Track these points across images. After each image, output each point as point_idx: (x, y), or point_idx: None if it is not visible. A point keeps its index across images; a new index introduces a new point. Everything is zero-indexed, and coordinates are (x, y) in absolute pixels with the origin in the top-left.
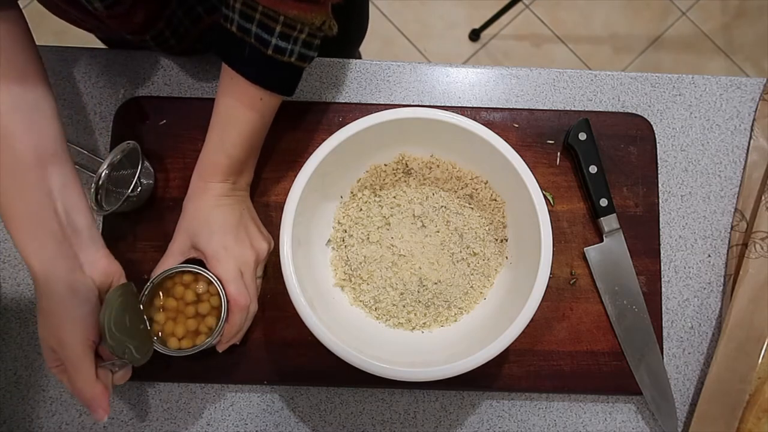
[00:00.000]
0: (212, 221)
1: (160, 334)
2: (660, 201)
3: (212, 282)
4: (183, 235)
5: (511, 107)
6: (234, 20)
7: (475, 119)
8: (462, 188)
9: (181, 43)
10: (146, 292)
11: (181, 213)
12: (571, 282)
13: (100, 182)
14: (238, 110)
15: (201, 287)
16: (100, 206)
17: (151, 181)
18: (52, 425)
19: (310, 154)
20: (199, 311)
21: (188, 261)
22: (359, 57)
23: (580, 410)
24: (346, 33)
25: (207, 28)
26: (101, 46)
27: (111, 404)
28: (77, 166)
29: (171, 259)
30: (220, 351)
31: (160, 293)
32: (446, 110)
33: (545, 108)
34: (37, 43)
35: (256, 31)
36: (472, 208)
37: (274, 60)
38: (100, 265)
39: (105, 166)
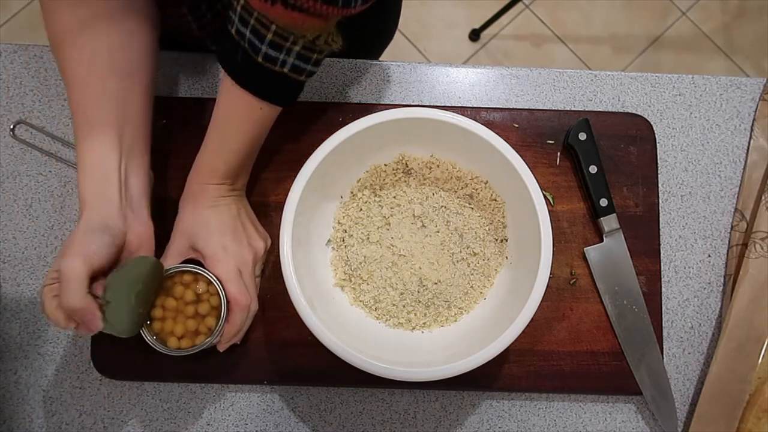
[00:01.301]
0: (210, 222)
1: (158, 332)
2: (660, 201)
3: (212, 282)
4: (180, 236)
5: (511, 107)
6: (234, 22)
7: (475, 119)
8: (462, 188)
9: (216, 19)
10: None
11: (177, 214)
12: (571, 282)
13: None
14: (236, 118)
15: (201, 287)
16: None
17: (150, 182)
18: (52, 425)
19: (310, 154)
20: (199, 311)
21: (186, 261)
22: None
23: (580, 410)
24: (376, 36)
25: None
26: None
27: (111, 404)
28: (76, 167)
29: (169, 260)
30: (221, 350)
31: (160, 293)
32: (446, 110)
33: (545, 108)
34: (37, 43)
35: (249, 36)
36: (472, 208)
37: (265, 68)
38: (136, 227)
39: None
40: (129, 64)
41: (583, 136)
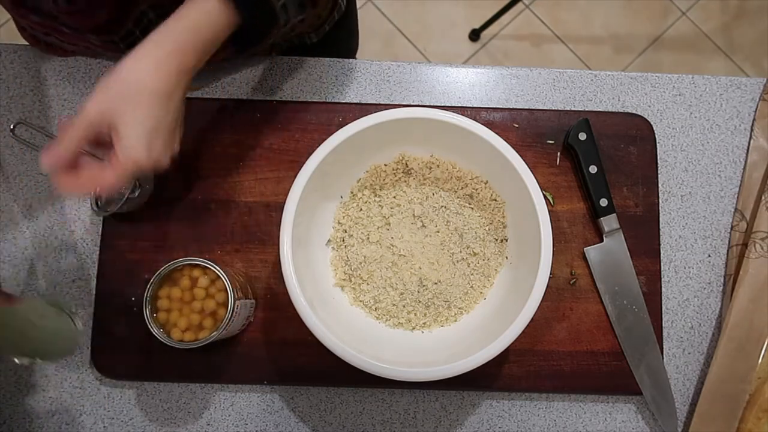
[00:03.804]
0: (157, 113)
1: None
2: (660, 201)
3: (220, 277)
4: (106, 98)
5: (511, 107)
6: None
7: (475, 119)
8: (462, 188)
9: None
10: (154, 281)
11: (116, 72)
12: (571, 282)
13: None
14: (205, 16)
15: (207, 282)
16: (100, 208)
17: (150, 182)
18: (52, 425)
19: (310, 154)
20: (205, 307)
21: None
22: None
23: (580, 410)
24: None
25: None
26: None
27: (111, 404)
28: None
29: (75, 127)
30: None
31: (167, 284)
32: (446, 110)
33: (545, 108)
34: None
35: None
36: (472, 208)
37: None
38: None
39: None
40: None
41: (583, 136)
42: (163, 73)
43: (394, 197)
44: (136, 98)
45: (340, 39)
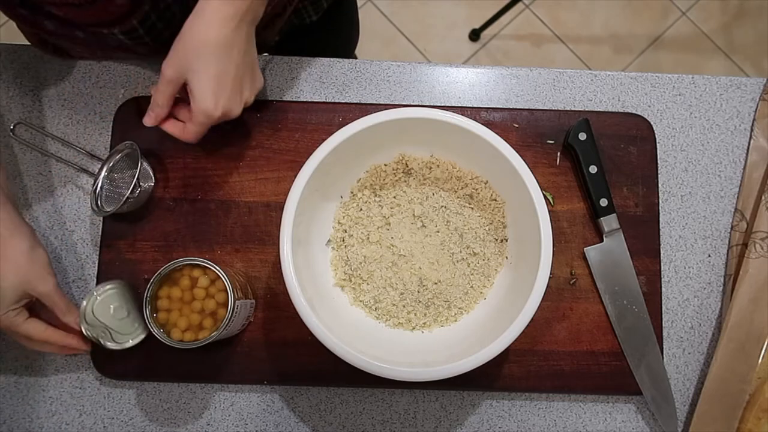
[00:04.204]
0: (217, 61)
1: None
2: (660, 201)
3: (220, 277)
4: (177, 60)
5: (511, 107)
6: None
7: (475, 119)
8: (462, 188)
9: (170, 26)
10: (154, 281)
11: (180, 34)
12: (571, 282)
13: (100, 184)
14: None
15: (207, 282)
16: (100, 208)
17: (150, 182)
18: (52, 425)
19: (310, 154)
20: (205, 307)
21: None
22: None
23: (580, 410)
24: (336, 43)
25: None
26: None
27: (111, 404)
28: (76, 167)
29: (162, 83)
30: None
31: (167, 284)
32: (446, 110)
33: (545, 108)
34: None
35: None
36: (472, 208)
37: None
38: None
39: (104, 167)
40: None
41: (583, 136)
42: (217, 24)
43: (394, 197)
44: (197, 51)
45: (340, 24)
